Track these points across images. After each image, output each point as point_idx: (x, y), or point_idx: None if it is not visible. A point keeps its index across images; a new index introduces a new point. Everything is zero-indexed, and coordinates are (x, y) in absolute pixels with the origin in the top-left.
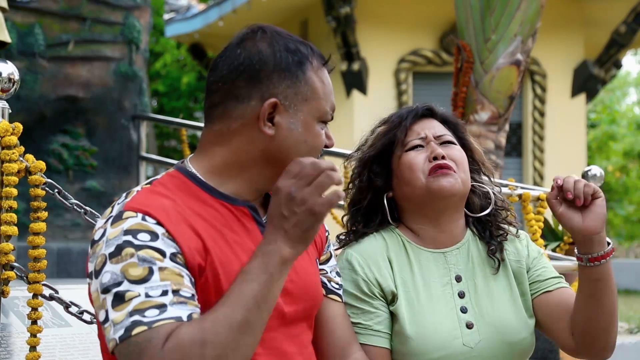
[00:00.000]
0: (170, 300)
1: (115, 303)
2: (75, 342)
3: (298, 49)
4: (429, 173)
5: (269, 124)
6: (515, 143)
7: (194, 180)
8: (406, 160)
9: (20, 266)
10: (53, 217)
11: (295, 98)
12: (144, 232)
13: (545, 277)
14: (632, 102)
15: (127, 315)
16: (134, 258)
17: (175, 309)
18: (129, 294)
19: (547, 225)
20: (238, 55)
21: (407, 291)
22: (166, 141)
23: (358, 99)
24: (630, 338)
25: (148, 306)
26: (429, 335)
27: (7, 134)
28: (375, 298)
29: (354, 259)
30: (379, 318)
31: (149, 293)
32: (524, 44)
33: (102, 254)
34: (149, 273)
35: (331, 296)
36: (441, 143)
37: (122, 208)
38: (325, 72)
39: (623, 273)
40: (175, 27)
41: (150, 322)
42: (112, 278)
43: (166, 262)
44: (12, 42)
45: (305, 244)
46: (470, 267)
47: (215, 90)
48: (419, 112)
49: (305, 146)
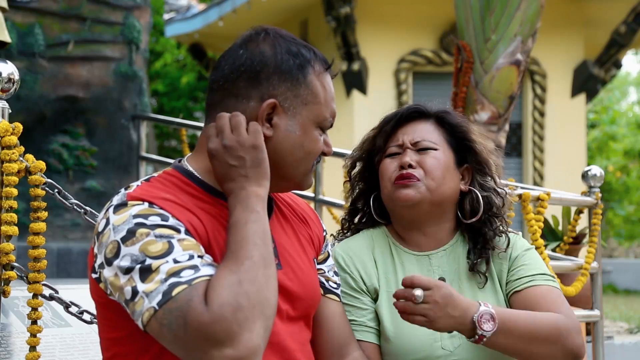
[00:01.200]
0: (200, 262)
1: (143, 276)
2: (75, 342)
3: (300, 52)
4: (394, 182)
5: (267, 124)
6: (515, 143)
7: (191, 179)
8: (381, 167)
9: (20, 266)
10: (53, 217)
11: (295, 101)
12: (153, 215)
13: (518, 277)
14: (632, 102)
15: (162, 282)
16: (150, 236)
17: (206, 268)
18: (156, 263)
19: (547, 225)
20: (240, 56)
21: (390, 291)
22: (166, 141)
23: (358, 99)
24: (630, 338)
25: (181, 268)
26: (408, 337)
27: (7, 134)
28: (364, 294)
29: (339, 257)
30: (370, 314)
31: (176, 259)
32: (524, 44)
33: (113, 241)
34: (170, 247)
35: (329, 295)
36: (418, 149)
37: (125, 198)
38: (327, 77)
39: (623, 273)
40: (175, 27)
41: (189, 280)
42: (132, 259)
43: (183, 235)
44: (12, 42)
45: (267, 178)
46: (455, 269)
47: (216, 89)
48: (403, 116)
49: (301, 150)
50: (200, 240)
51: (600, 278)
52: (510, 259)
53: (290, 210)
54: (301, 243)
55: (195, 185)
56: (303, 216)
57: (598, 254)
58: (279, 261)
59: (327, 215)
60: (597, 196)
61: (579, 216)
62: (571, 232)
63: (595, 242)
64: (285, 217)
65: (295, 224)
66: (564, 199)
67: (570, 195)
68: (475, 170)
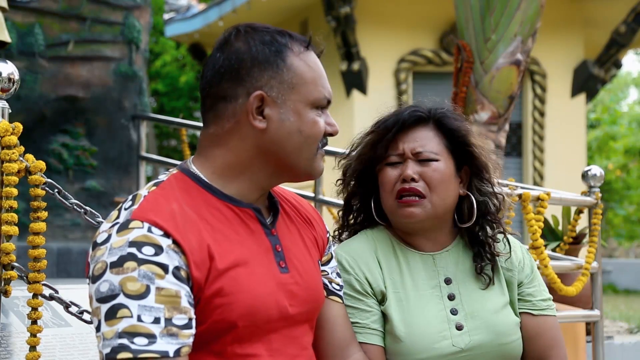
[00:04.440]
0: (161, 331)
1: (108, 316)
2: (75, 342)
3: (274, 39)
4: (396, 196)
5: (260, 117)
6: (515, 143)
7: (198, 183)
8: (382, 176)
9: (20, 266)
10: (53, 217)
11: (281, 87)
12: (148, 245)
13: (535, 298)
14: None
15: (116, 336)
16: (134, 272)
17: (164, 342)
18: (122, 311)
19: (547, 225)
20: (218, 59)
21: (397, 292)
22: (166, 141)
23: (358, 99)
24: (630, 338)
25: (138, 331)
26: (419, 336)
27: (7, 134)
28: (369, 296)
29: (343, 260)
30: (374, 317)
31: (141, 317)
32: (524, 44)
33: (103, 261)
34: (146, 291)
35: (332, 297)
36: (419, 160)
37: (130, 216)
38: (311, 55)
39: (623, 273)
40: (175, 27)
41: (136, 351)
42: (109, 289)
43: (167, 279)
44: (12, 42)
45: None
46: (460, 269)
47: (205, 96)
48: (405, 123)
49: (299, 136)
50: (196, 269)
51: (600, 278)
52: (524, 273)
53: (295, 211)
54: (306, 245)
55: (203, 189)
56: (307, 217)
57: (598, 254)
58: (286, 265)
59: (327, 215)
60: (597, 196)
61: (579, 216)
62: (571, 232)
63: (595, 242)
64: (291, 218)
65: (300, 226)
66: (564, 199)
67: (570, 195)
68: (473, 174)
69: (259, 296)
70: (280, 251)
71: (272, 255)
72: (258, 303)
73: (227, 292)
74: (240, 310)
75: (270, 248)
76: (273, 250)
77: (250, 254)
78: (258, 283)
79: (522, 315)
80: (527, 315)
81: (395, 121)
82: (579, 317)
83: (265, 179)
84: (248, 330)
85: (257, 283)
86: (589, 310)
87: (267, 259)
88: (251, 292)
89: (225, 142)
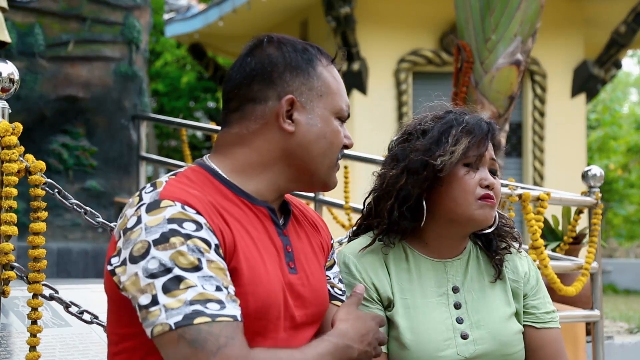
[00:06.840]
0: (225, 297)
1: (167, 288)
2: (75, 342)
3: (306, 49)
4: (479, 198)
5: (289, 120)
6: (515, 143)
7: (217, 177)
8: (459, 175)
9: (20, 266)
10: (53, 217)
11: (311, 94)
12: (188, 221)
13: (539, 311)
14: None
15: (186, 303)
16: (183, 246)
17: (231, 307)
18: (185, 281)
19: (547, 225)
20: (249, 63)
21: (404, 298)
22: (166, 141)
23: (358, 99)
24: (630, 338)
25: (208, 298)
26: (424, 344)
27: (7, 134)
28: (374, 302)
29: (350, 263)
30: None
31: (204, 286)
32: (524, 44)
33: (144, 240)
34: (200, 263)
35: (334, 302)
36: (490, 170)
37: (157, 197)
38: (335, 69)
39: (623, 273)
40: (175, 27)
41: (213, 315)
42: (160, 264)
43: (212, 254)
44: (12, 42)
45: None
46: (468, 278)
47: (232, 98)
48: (485, 136)
49: (325, 141)
50: (225, 248)
51: (600, 278)
52: (529, 284)
53: (303, 216)
54: (314, 249)
55: (221, 184)
56: (314, 223)
57: (598, 254)
58: (295, 266)
59: (327, 215)
60: (597, 196)
61: (579, 216)
62: (571, 232)
63: (595, 242)
64: (299, 222)
65: (308, 230)
66: (564, 199)
67: (570, 195)
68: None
69: (273, 292)
70: (291, 252)
71: (282, 255)
72: (271, 298)
73: (246, 282)
74: (256, 302)
75: (281, 247)
76: (284, 250)
77: (264, 250)
78: (271, 279)
79: (525, 328)
80: (530, 328)
81: (478, 128)
82: (579, 317)
83: (284, 182)
84: (259, 324)
85: (271, 279)
86: (589, 310)
87: (279, 258)
88: (266, 286)
89: (249, 142)
